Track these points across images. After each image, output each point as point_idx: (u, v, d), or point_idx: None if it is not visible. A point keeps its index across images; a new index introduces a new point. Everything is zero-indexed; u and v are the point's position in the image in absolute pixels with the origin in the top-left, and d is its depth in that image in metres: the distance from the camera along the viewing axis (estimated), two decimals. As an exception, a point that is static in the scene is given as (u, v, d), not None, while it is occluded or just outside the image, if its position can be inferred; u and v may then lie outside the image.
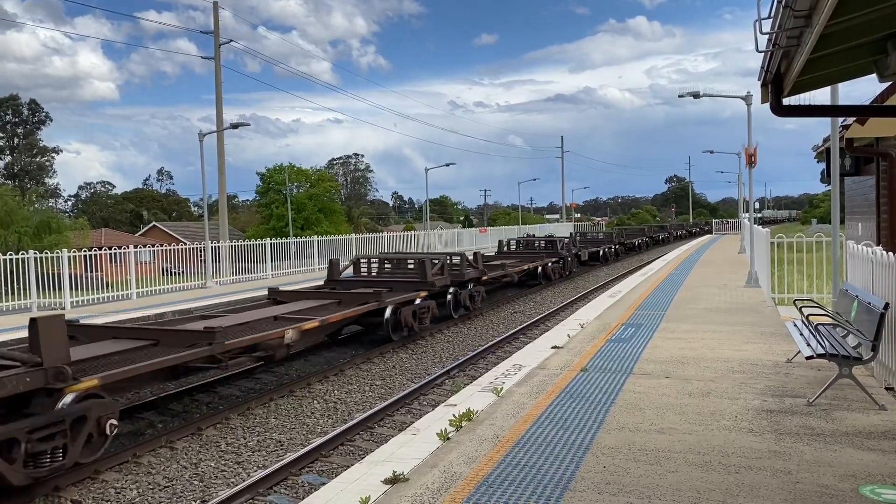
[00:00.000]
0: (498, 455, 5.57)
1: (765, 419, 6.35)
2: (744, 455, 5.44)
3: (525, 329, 15.79)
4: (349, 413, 9.70)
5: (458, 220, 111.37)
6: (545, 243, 28.87)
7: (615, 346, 10.04)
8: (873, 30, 5.25)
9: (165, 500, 6.86)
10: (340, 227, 53.04)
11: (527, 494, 4.78)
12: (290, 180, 53.56)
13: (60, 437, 6.70)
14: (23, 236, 31.82)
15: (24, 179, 77.96)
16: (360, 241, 31.76)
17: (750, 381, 7.79)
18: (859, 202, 16.17)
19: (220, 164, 32.27)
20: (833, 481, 4.88)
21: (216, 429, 8.91)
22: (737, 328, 11.26)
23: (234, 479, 7.35)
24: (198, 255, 23.50)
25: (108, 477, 7.36)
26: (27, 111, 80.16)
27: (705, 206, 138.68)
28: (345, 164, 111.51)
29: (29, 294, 17.33)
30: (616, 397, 7.25)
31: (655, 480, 4.97)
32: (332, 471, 7.34)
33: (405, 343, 14.19)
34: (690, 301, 14.83)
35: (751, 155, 18.12)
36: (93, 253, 19.55)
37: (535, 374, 8.35)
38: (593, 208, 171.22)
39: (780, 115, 6.48)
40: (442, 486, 4.97)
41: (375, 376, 11.75)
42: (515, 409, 6.87)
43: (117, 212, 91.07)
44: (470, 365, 12.30)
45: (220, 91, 32.20)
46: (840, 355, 6.90)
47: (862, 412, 6.52)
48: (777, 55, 5.39)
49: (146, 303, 18.15)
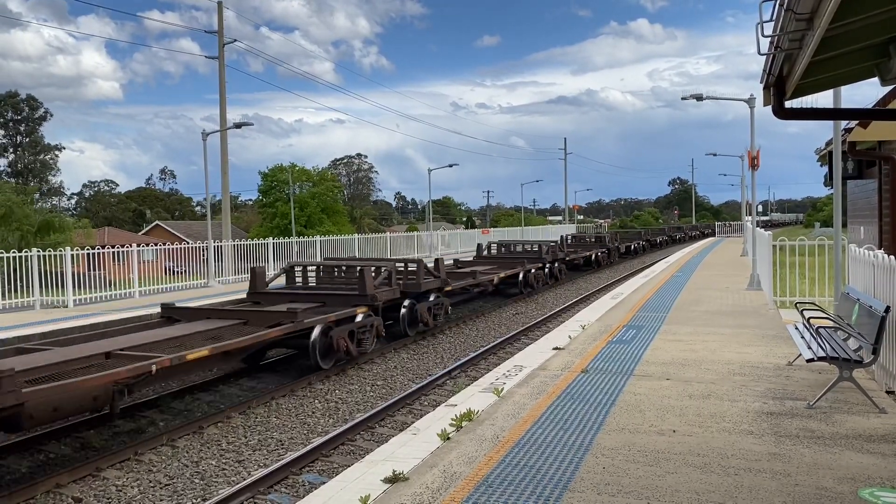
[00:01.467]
0: (498, 455, 5.58)
1: (765, 421, 6.36)
2: (743, 457, 5.44)
3: (526, 330, 15.81)
4: (350, 413, 9.72)
5: (460, 220, 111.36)
6: (528, 247, 26.95)
7: (616, 347, 10.05)
8: (875, 33, 5.26)
9: (166, 498, 6.88)
10: (343, 227, 53.04)
11: (526, 494, 4.79)
12: (293, 180, 53.60)
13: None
14: (25, 234, 31.87)
15: (28, 177, 78.08)
16: (361, 241, 31.76)
17: (751, 383, 7.79)
18: (862, 206, 16.15)
19: (224, 164, 32.31)
20: (832, 484, 4.88)
21: (217, 427, 8.94)
22: (738, 331, 11.26)
23: (235, 477, 7.37)
24: (201, 254, 23.54)
25: (110, 475, 7.39)
26: (27, 108, 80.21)
27: (708, 209, 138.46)
28: (348, 164, 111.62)
29: (32, 292, 17.37)
30: (616, 399, 7.25)
31: (655, 481, 4.98)
32: (332, 470, 7.36)
33: (406, 344, 14.19)
34: (692, 303, 14.83)
35: (753, 158, 18.11)
36: (96, 251, 19.57)
37: (536, 375, 8.36)
38: (596, 210, 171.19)
39: (783, 117, 6.49)
40: (442, 486, 4.98)
41: (377, 376, 11.77)
42: (516, 410, 6.88)
43: (120, 210, 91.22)
44: (471, 365, 12.32)
45: (224, 90, 32.26)
46: (841, 358, 6.90)
47: (862, 415, 6.52)
48: (779, 58, 5.41)
49: (149, 301, 18.17)
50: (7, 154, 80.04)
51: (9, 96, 79.87)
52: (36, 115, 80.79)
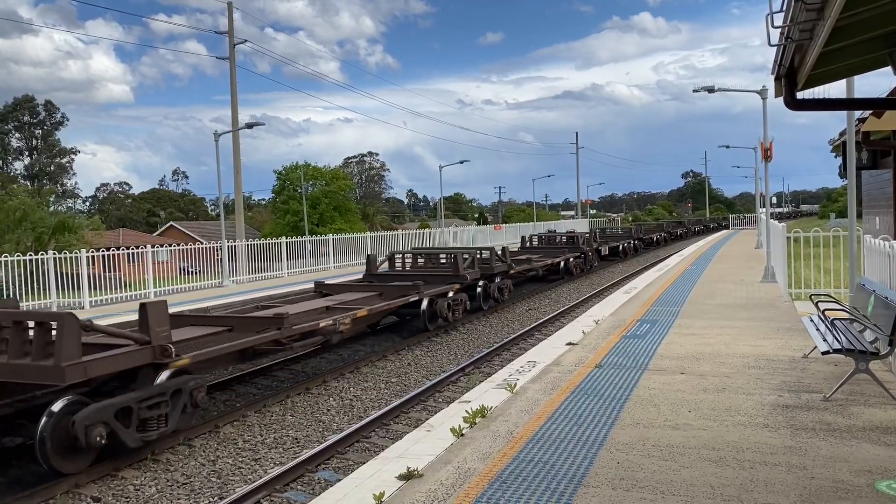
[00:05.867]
0: (512, 451, 5.59)
1: (780, 415, 6.33)
2: (759, 451, 5.42)
3: (540, 326, 15.79)
4: (364, 410, 9.75)
5: (472, 217, 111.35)
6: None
7: (630, 342, 10.02)
8: (888, 22, 5.21)
9: (184, 497, 6.93)
10: (355, 225, 53.20)
11: (541, 490, 4.79)
12: (305, 179, 53.75)
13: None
14: (40, 236, 32.16)
15: (43, 180, 78.79)
16: (374, 240, 31.82)
17: (766, 376, 7.75)
18: (877, 196, 16.02)
19: (236, 164, 32.46)
20: (849, 476, 4.86)
21: (233, 426, 8.99)
22: (753, 324, 11.20)
23: (252, 475, 7.42)
24: (214, 254, 23.68)
25: (127, 474, 7.45)
26: (44, 112, 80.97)
27: (722, 201, 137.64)
28: (360, 162, 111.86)
29: (49, 294, 17.54)
30: (630, 393, 7.24)
31: (669, 476, 4.97)
32: (347, 467, 7.39)
33: (420, 340, 14.24)
34: (706, 297, 14.76)
35: (766, 149, 17.99)
36: (111, 253, 19.73)
37: (550, 371, 8.36)
38: (608, 204, 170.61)
39: (794, 108, 6.45)
40: (456, 482, 4.99)
41: (391, 373, 11.80)
42: (529, 406, 6.88)
43: (134, 212, 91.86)
44: (485, 362, 12.32)
45: (235, 90, 32.39)
46: (857, 350, 6.86)
47: (879, 407, 6.48)
48: (790, 49, 5.37)
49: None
50: (23, 157, 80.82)
51: (25, 101, 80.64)
52: (53, 119, 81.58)
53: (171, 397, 7.76)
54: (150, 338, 7.71)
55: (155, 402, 7.56)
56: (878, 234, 11.63)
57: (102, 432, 6.92)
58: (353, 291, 14.99)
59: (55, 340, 6.87)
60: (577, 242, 28.43)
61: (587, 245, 28.56)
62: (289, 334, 10.02)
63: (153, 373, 7.76)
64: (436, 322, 14.74)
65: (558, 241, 29.52)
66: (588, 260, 28.10)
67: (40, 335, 7.05)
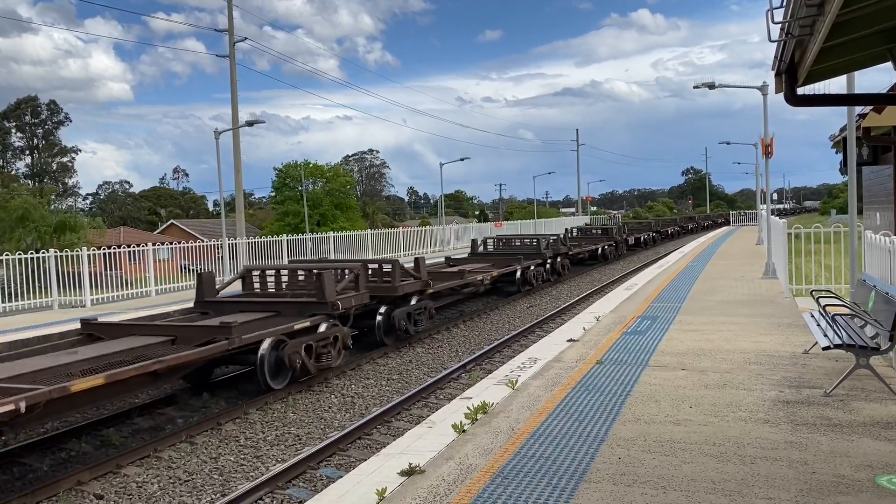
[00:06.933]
0: (513, 447, 5.61)
1: (781, 410, 6.34)
2: (760, 446, 5.43)
3: (541, 322, 15.81)
4: (366, 407, 9.77)
5: (473, 214, 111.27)
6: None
7: (631, 338, 10.03)
8: (888, 17, 5.22)
9: (186, 494, 6.96)
10: (356, 222, 53.12)
11: (542, 485, 4.81)
12: (306, 176, 53.68)
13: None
14: (42, 235, 32.20)
15: (45, 179, 78.83)
16: (375, 237, 31.81)
17: (766, 372, 7.76)
18: (877, 192, 16.01)
19: (237, 162, 32.44)
20: (849, 471, 4.87)
21: (235, 424, 9.01)
22: (754, 320, 11.21)
23: (254, 472, 7.44)
24: (215, 251, 23.70)
25: (130, 471, 7.48)
26: (46, 111, 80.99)
27: (723, 198, 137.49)
28: (360, 160, 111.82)
29: (50, 292, 17.56)
30: (632, 389, 7.25)
31: (671, 471, 4.98)
32: (349, 464, 7.41)
33: (421, 338, 14.23)
34: (707, 293, 14.77)
35: (767, 145, 17.98)
36: (112, 251, 19.75)
37: (551, 367, 8.37)
38: (609, 201, 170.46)
39: (795, 104, 6.45)
40: (457, 478, 5.01)
41: (392, 371, 11.82)
42: (531, 402, 6.89)
43: (135, 210, 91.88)
44: (486, 358, 12.34)
45: (235, 88, 32.36)
46: (857, 346, 6.86)
47: (879, 402, 6.49)
48: (790, 44, 5.37)
49: (165, 299, 18.31)
50: (24, 156, 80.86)
51: (28, 100, 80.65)
52: (56, 118, 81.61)
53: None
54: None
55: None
56: (878, 230, 11.63)
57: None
58: (139, 336, 10.06)
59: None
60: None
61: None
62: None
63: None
64: (286, 376, 10.10)
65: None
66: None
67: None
